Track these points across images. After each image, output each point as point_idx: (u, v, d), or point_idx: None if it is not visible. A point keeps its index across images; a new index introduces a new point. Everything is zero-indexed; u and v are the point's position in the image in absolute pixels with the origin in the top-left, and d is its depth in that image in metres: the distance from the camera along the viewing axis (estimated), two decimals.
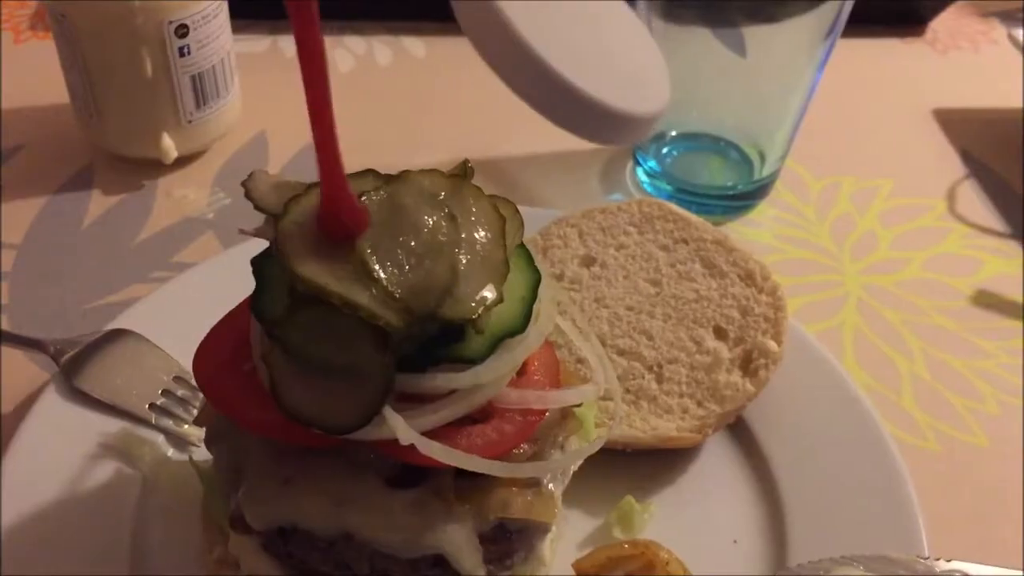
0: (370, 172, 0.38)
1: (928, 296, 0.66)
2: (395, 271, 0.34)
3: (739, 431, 0.54)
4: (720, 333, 0.55)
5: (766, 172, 0.70)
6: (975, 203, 0.73)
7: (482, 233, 0.36)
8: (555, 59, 0.27)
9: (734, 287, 0.56)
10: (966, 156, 0.78)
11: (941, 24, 0.93)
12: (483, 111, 0.80)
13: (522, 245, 0.39)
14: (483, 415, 0.37)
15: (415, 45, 0.86)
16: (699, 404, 0.52)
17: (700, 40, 0.63)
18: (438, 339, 0.35)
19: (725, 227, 0.69)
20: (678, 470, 0.52)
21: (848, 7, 0.61)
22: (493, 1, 0.27)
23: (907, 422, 0.57)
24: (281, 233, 0.35)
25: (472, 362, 0.36)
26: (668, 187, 0.70)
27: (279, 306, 0.35)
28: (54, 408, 0.50)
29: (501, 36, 0.27)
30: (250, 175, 0.39)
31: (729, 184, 0.71)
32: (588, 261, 0.59)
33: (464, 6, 0.28)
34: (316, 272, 0.34)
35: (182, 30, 0.64)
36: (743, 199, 0.71)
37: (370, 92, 0.81)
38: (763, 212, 0.72)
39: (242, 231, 0.38)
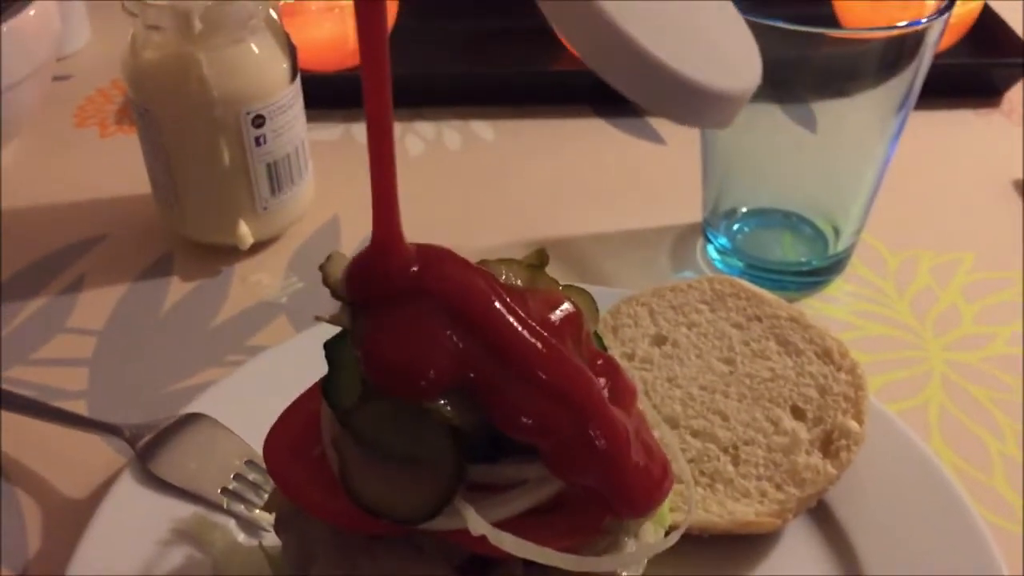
0: None
1: (1016, 373, 0.63)
2: None
3: (821, 516, 0.51)
4: (798, 413, 0.53)
5: (841, 247, 0.69)
6: None
7: None
8: (640, 33, 0.27)
9: (811, 365, 0.55)
10: None
11: (1016, 95, 0.91)
12: (551, 192, 0.80)
13: (595, 332, 0.39)
14: (554, 503, 0.36)
15: (483, 129, 0.88)
16: (778, 487, 0.50)
17: (769, 116, 0.63)
18: None
19: (800, 304, 0.68)
20: (758, 557, 0.50)
21: (920, 80, 0.61)
22: None
23: (999, 504, 0.55)
24: (358, 323, 0.35)
25: None
26: (739, 263, 0.69)
27: (352, 393, 0.35)
28: (129, 494, 0.51)
29: (582, 11, 0.27)
30: (328, 258, 0.39)
31: (803, 260, 0.70)
32: (659, 340, 0.58)
33: None
34: None
35: (259, 120, 0.66)
36: (818, 275, 0.70)
37: (440, 175, 0.82)
38: (839, 288, 0.70)
39: (318, 318, 0.39)
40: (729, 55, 0.31)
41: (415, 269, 0.34)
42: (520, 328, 0.34)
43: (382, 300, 0.35)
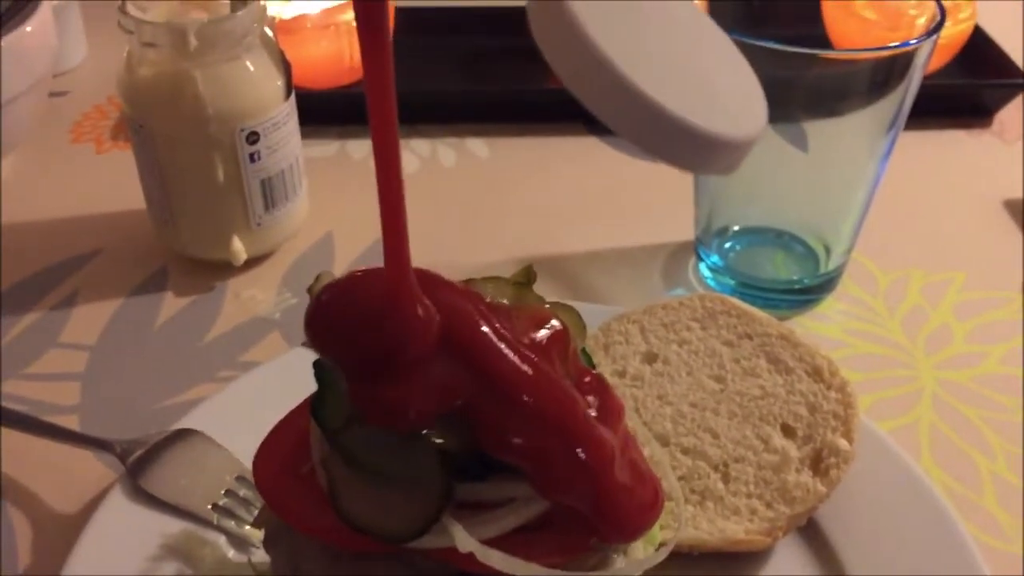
0: None
1: (1008, 392, 0.63)
2: None
3: (811, 534, 0.52)
4: (788, 431, 0.53)
5: (832, 265, 0.69)
6: None
7: None
8: (640, 77, 0.26)
9: (801, 383, 0.55)
10: None
11: (1008, 115, 0.92)
12: (545, 209, 0.80)
13: (583, 349, 0.39)
14: (542, 520, 0.37)
15: (478, 146, 0.88)
16: (768, 505, 0.50)
17: (761, 136, 0.63)
18: None
19: (791, 322, 0.68)
20: (748, 575, 0.50)
21: (910, 101, 0.61)
22: (567, 5, 0.26)
23: (989, 524, 0.55)
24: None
25: None
26: (731, 282, 0.70)
27: (341, 413, 0.35)
28: (119, 509, 0.51)
29: (581, 56, 0.26)
30: (316, 279, 0.39)
31: (794, 278, 0.70)
32: (650, 357, 0.58)
33: (539, 15, 0.27)
34: None
35: (253, 137, 0.67)
36: (809, 293, 0.70)
37: (435, 192, 0.82)
38: (830, 306, 0.70)
39: (306, 344, 0.39)
40: (734, 100, 0.31)
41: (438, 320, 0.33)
42: (507, 352, 0.34)
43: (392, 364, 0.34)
